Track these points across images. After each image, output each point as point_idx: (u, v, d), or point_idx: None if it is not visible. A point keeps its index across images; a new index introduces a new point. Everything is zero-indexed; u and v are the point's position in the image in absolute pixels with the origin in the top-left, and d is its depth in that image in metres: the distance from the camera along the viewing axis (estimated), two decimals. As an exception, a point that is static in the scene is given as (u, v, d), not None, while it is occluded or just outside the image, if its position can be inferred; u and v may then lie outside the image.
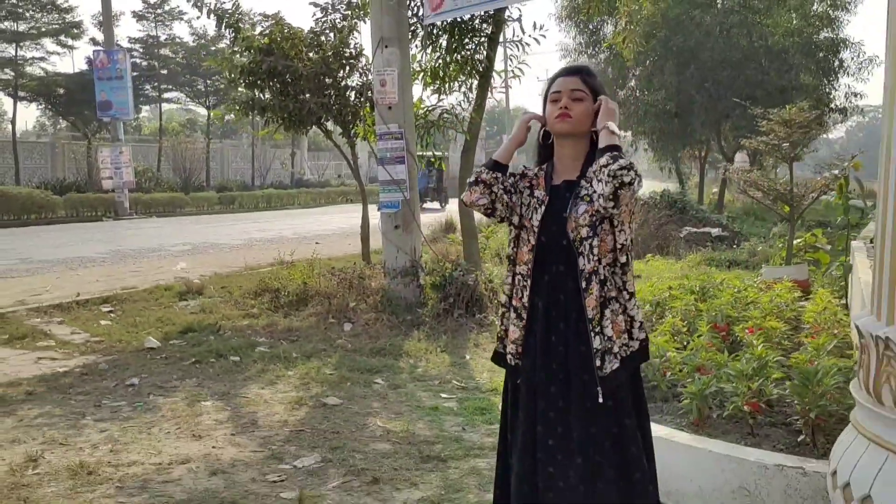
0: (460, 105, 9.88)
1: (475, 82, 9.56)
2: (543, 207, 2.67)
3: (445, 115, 9.71)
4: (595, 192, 2.53)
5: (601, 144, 2.58)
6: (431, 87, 9.69)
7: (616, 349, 2.59)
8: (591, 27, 24.24)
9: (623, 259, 2.64)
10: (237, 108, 10.20)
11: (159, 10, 40.33)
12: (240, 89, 10.61)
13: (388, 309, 8.12)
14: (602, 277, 2.59)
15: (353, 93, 10.19)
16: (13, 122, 35.06)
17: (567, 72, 2.76)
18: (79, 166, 34.67)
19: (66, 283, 10.94)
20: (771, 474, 3.61)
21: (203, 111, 48.18)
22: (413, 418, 5.20)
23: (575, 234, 2.61)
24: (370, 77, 9.21)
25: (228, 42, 11.40)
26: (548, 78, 2.82)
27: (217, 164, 43.40)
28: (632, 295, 2.68)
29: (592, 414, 2.60)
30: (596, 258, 2.59)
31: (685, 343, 4.98)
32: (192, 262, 13.46)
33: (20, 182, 30.87)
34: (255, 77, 9.88)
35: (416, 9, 8.94)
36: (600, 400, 2.58)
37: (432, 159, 18.27)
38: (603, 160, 2.51)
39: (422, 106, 9.84)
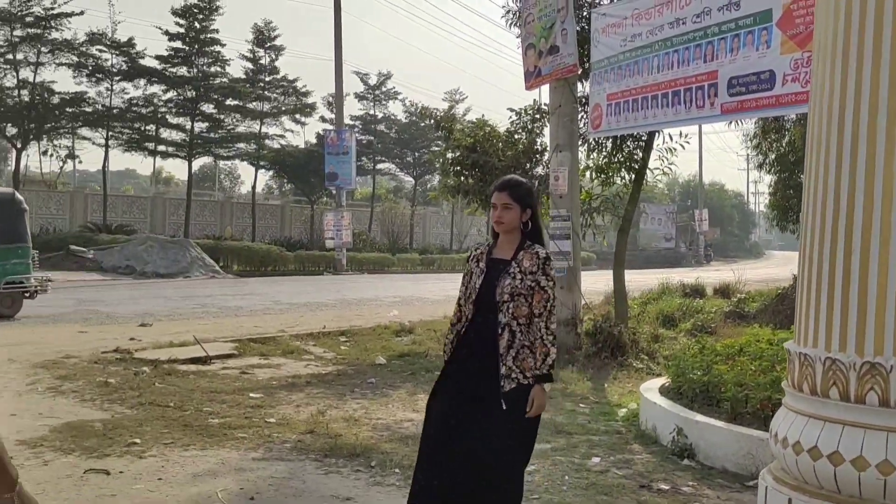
0: (619, 195, 12.36)
1: (632, 177, 12.01)
2: (483, 275, 3.76)
3: (605, 203, 12.24)
4: (523, 271, 3.68)
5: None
6: (597, 180, 12.27)
7: (514, 376, 3.60)
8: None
9: (542, 322, 3.63)
10: (447, 191, 13.28)
11: (377, 91, 45.75)
12: (449, 176, 13.70)
13: (551, 349, 10.63)
14: (513, 329, 3.62)
15: (537, 181, 12.94)
16: (253, 187, 41.06)
17: (499, 187, 3.79)
18: (304, 226, 39.94)
19: (311, 320, 14.35)
20: (764, 444, 5.82)
21: (409, 179, 53.28)
22: (557, 414, 7.70)
23: (500, 297, 3.65)
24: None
25: (442, 138, 14.59)
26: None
27: (420, 228, 47.84)
28: (544, 344, 3.62)
29: (490, 415, 3.59)
30: (511, 315, 3.62)
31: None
32: (402, 310, 16.66)
33: (255, 238, 36.25)
34: (462, 167, 12.91)
35: (585, 122, 11.59)
36: (504, 407, 3.56)
37: None
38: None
39: (590, 195, 12.41)
